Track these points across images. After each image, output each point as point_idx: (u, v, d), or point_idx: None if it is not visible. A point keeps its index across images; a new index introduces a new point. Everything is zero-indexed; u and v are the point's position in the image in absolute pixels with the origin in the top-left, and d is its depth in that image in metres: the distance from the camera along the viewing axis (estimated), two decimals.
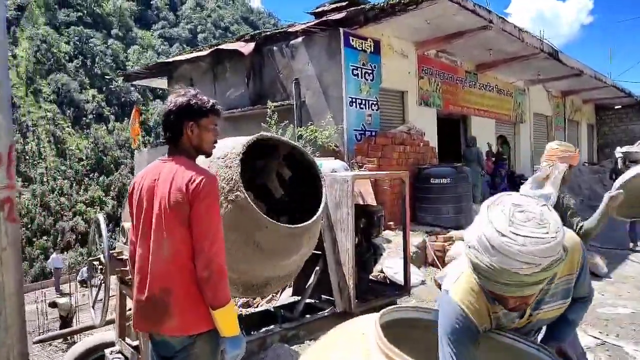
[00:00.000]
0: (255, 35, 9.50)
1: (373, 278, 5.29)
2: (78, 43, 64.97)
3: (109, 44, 68.83)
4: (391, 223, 7.29)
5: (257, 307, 4.43)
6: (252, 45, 9.12)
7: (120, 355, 2.92)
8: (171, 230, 1.89)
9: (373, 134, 8.66)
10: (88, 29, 68.08)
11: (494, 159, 11.88)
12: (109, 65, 60.43)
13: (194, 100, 1.98)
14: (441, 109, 11.02)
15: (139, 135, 12.54)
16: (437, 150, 9.75)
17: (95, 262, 2.99)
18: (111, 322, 3.26)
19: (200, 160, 2.10)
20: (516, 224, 1.30)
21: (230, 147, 2.92)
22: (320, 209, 3.19)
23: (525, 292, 1.33)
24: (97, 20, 71.01)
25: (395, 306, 1.76)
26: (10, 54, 58.38)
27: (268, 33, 9.35)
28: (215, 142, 2.09)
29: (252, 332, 3.55)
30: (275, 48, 9.14)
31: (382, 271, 5.72)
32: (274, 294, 4.47)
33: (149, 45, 71.74)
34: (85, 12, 70.42)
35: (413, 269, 5.33)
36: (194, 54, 10.57)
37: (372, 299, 4.15)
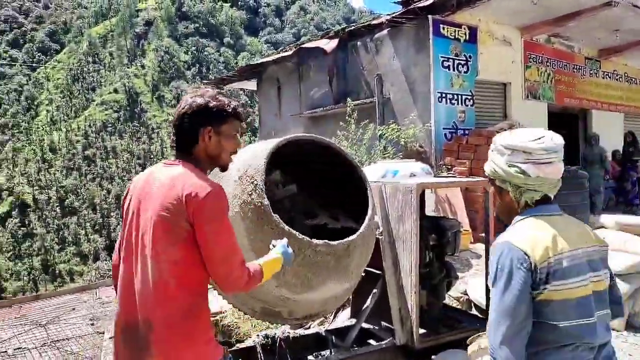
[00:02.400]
0: (339, 31, 9.05)
1: (452, 304, 4.55)
2: (195, 52, 70.94)
3: (221, 52, 74.04)
4: (483, 235, 6.34)
5: (308, 328, 3.97)
6: (335, 42, 8.68)
7: None
8: (160, 250, 1.58)
9: (467, 132, 7.70)
10: (203, 38, 74.05)
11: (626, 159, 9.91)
12: (221, 71, 64.81)
13: (213, 102, 1.69)
14: (553, 102, 9.56)
15: None
16: None
17: None
18: None
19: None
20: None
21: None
22: (363, 226, 2.63)
23: None
24: (211, 30, 76.88)
25: None
26: (139, 64, 65.49)
27: (352, 28, 8.84)
28: (235, 152, 1.78)
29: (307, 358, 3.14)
30: (359, 43, 8.61)
31: (465, 293, 4.88)
32: (326, 317, 3.98)
33: (256, 51, 75.63)
34: (201, 23, 76.57)
35: None
36: (280, 54, 10.46)
37: (443, 332, 3.43)
